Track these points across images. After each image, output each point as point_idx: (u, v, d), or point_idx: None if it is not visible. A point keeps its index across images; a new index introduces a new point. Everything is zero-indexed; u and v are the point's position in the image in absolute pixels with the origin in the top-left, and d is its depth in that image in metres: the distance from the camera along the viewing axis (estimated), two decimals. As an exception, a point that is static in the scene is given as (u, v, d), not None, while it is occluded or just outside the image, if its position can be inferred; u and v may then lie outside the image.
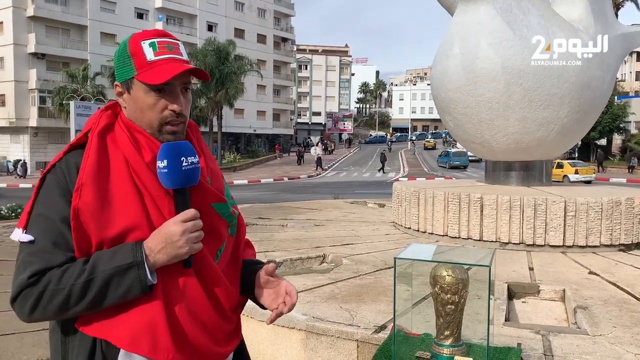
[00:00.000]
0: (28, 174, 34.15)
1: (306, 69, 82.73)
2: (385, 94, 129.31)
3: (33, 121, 37.38)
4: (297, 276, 4.46)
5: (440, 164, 43.48)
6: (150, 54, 1.27)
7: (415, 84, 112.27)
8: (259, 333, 3.44)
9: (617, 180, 28.22)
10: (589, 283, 4.23)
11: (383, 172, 37.51)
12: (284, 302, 1.38)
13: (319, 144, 58.87)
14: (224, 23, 51.58)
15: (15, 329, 4.15)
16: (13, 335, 4.07)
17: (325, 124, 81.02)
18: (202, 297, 1.29)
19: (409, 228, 6.59)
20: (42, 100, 37.90)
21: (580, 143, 38.26)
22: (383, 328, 3.08)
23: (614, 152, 45.42)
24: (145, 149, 1.28)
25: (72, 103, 30.19)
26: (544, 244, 5.52)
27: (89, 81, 36.71)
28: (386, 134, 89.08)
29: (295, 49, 70.62)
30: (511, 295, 4.07)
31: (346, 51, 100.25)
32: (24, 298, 1.17)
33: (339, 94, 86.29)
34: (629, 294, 3.92)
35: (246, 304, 1.49)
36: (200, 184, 1.29)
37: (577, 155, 41.46)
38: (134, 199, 1.24)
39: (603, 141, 43.90)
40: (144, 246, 1.20)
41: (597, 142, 42.39)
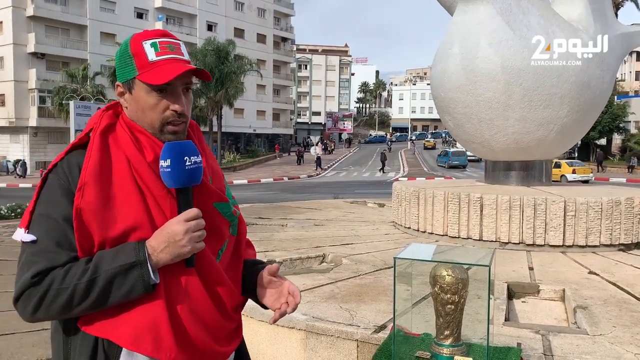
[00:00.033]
0: (28, 174, 34.16)
1: (306, 68, 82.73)
2: (385, 94, 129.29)
3: (33, 121, 37.38)
4: (297, 276, 4.45)
5: (440, 164, 43.67)
6: (151, 54, 1.27)
7: (415, 84, 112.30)
8: (259, 333, 3.44)
9: (617, 180, 28.22)
10: (589, 283, 4.23)
11: (383, 172, 37.52)
12: (286, 302, 1.38)
13: (318, 143, 58.89)
14: (224, 23, 51.57)
15: (14, 329, 4.15)
16: (12, 335, 4.07)
17: (325, 123, 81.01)
18: (204, 297, 1.29)
19: (409, 228, 6.59)
20: (42, 100, 37.89)
21: (580, 143, 38.26)
22: (383, 328, 3.08)
23: (613, 152, 45.42)
24: (147, 149, 1.28)
25: (72, 103, 30.24)
26: (543, 243, 5.52)
27: (88, 81, 36.73)
28: (386, 134, 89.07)
29: (295, 49, 70.61)
30: (511, 295, 4.07)
31: (346, 51, 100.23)
32: (27, 298, 1.17)
33: (339, 93, 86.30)
34: (629, 293, 3.92)
35: (246, 303, 1.49)
36: (203, 183, 1.30)
37: (577, 155, 41.47)
38: (136, 198, 1.24)
39: (603, 141, 43.90)
40: (146, 245, 1.21)
41: (597, 142, 42.39)
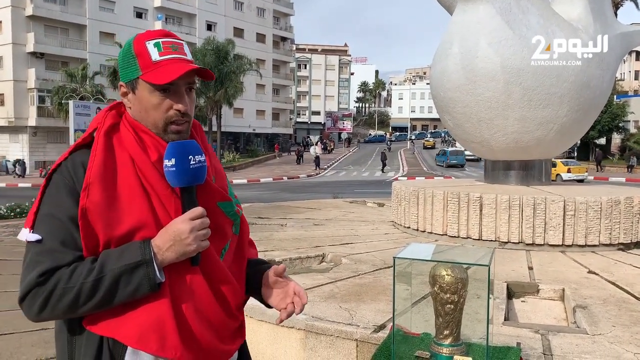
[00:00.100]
0: (27, 174, 34.14)
1: (305, 68, 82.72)
2: (384, 93, 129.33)
3: (32, 120, 37.36)
4: (297, 275, 4.45)
5: (438, 163, 44.03)
6: (155, 54, 1.28)
7: (414, 83, 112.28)
8: (258, 332, 3.44)
9: (616, 179, 28.24)
10: (588, 282, 4.23)
11: (383, 172, 37.53)
12: (292, 303, 1.41)
13: (318, 143, 58.89)
14: (223, 22, 51.56)
15: (14, 329, 4.15)
16: (12, 335, 4.07)
17: (324, 123, 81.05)
18: (209, 295, 1.30)
19: (408, 227, 6.59)
20: (41, 99, 37.87)
21: (579, 142, 38.28)
22: (382, 327, 3.08)
23: (613, 152, 45.42)
24: (150, 149, 1.28)
25: (71, 102, 30.19)
26: (543, 243, 5.52)
27: (88, 80, 36.72)
28: (385, 134, 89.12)
29: (294, 48, 70.63)
30: (510, 294, 4.07)
31: (345, 50, 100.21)
32: (32, 297, 1.17)
33: (338, 93, 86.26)
34: (628, 293, 3.93)
35: (247, 302, 1.50)
36: (206, 182, 1.31)
37: (577, 154, 41.48)
38: (140, 198, 1.25)
39: (602, 140, 43.89)
40: (152, 244, 1.21)
41: (597, 142, 42.38)
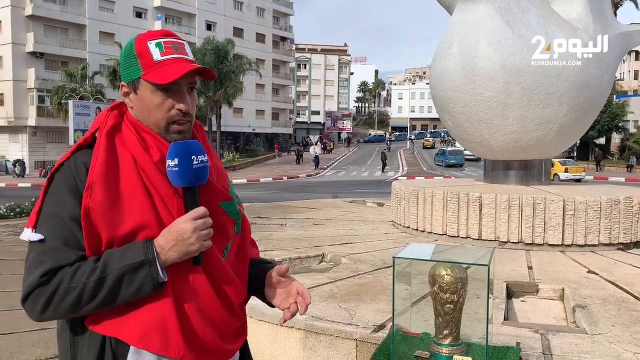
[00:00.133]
0: (27, 173, 34.13)
1: (305, 68, 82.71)
2: (384, 93, 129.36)
3: (32, 120, 37.34)
4: (296, 275, 4.45)
5: (437, 163, 44.24)
6: (156, 54, 1.28)
7: (414, 83, 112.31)
8: (258, 332, 3.43)
9: (616, 179, 28.25)
10: (588, 282, 4.23)
11: (383, 172, 37.52)
12: (295, 303, 1.40)
13: (317, 143, 58.88)
14: (223, 22, 51.54)
15: (13, 329, 4.15)
16: (11, 335, 4.07)
17: (324, 123, 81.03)
18: (211, 294, 1.31)
19: (408, 227, 6.59)
20: (41, 99, 37.84)
21: (579, 142, 38.26)
22: (382, 327, 3.08)
23: (612, 151, 45.43)
24: (153, 149, 1.29)
25: (71, 102, 30.22)
26: (542, 243, 5.52)
27: (87, 80, 36.72)
28: (385, 133, 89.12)
29: (294, 48, 70.59)
30: (510, 294, 4.07)
31: (345, 50, 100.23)
32: (35, 297, 1.17)
33: (338, 93, 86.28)
34: (628, 292, 3.93)
35: (248, 301, 1.51)
36: (209, 182, 1.31)
37: (576, 154, 41.48)
38: (143, 197, 1.25)
39: (602, 140, 43.91)
40: (154, 244, 1.22)
41: (596, 141, 42.40)
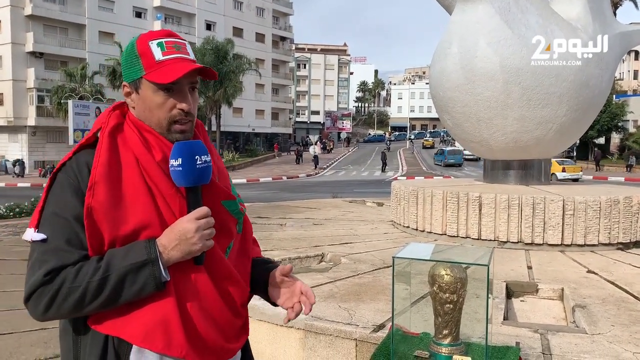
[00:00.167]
0: (26, 173, 34.10)
1: (305, 68, 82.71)
2: (383, 93, 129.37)
3: (31, 120, 37.32)
4: (296, 275, 4.44)
5: (436, 162, 44.45)
6: (158, 54, 1.29)
7: (413, 83, 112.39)
8: (258, 332, 3.43)
9: (615, 179, 28.26)
10: (588, 282, 4.23)
11: (383, 172, 37.52)
12: (299, 302, 1.43)
13: (317, 142, 58.87)
14: (223, 22, 51.53)
15: (12, 329, 4.15)
16: (10, 335, 4.06)
17: (323, 122, 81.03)
18: (214, 293, 1.31)
19: (408, 227, 6.59)
20: (40, 99, 37.82)
21: (578, 142, 38.28)
22: (381, 327, 3.08)
23: (612, 151, 45.44)
24: (155, 149, 1.29)
25: (70, 102, 30.21)
26: (542, 242, 5.52)
27: (87, 80, 36.71)
28: (385, 133, 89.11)
29: (293, 48, 70.59)
30: (510, 294, 4.07)
31: (345, 50, 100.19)
32: (38, 297, 1.18)
33: (338, 92, 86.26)
34: (628, 292, 3.93)
35: (250, 300, 1.51)
36: (211, 181, 1.32)
37: (576, 154, 41.49)
38: (145, 197, 1.26)
39: (601, 140, 43.92)
40: (157, 243, 1.22)
41: (596, 141, 42.40)
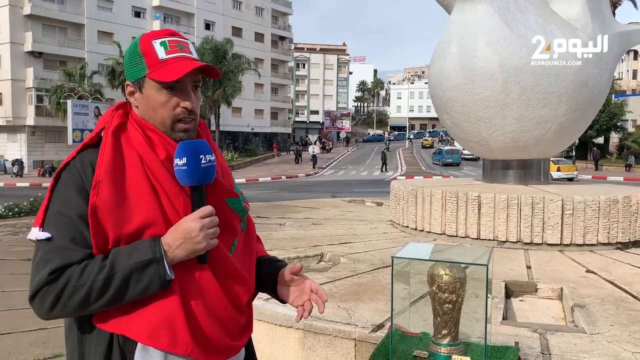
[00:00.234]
0: (25, 173, 34.06)
1: (304, 67, 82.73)
2: (383, 93, 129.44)
3: (30, 120, 37.30)
4: (295, 275, 4.45)
5: (434, 162, 44.67)
6: (161, 53, 1.30)
7: (413, 83, 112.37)
8: (257, 332, 3.43)
9: (615, 178, 28.30)
10: (587, 281, 4.23)
11: (381, 171, 37.52)
12: (309, 300, 1.45)
13: (316, 142, 58.87)
14: (222, 21, 51.50)
15: (11, 329, 4.15)
16: (9, 335, 4.06)
17: (323, 122, 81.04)
18: (218, 291, 1.32)
19: (407, 227, 6.59)
20: (39, 99, 37.79)
21: (577, 141, 38.28)
22: (381, 327, 3.07)
23: (611, 151, 45.49)
24: (159, 147, 1.30)
25: (69, 102, 30.23)
26: (541, 242, 5.53)
27: (86, 80, 36.70)
28: (384, 133, 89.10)
29: (293, 48, 70.60)
30: (509, 293, 4.07)
31: (344, 50, 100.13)
32: (43, 295, 1.18)
33: (337, 92, 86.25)
34: (627, 292, 3.93)
35: (255, 297, 1.52)
36: (215, 180, 1.32)
37: (575, 153, 41.54)
38: (149, 196, 1.26)
39: (600, 139, 43.96)
40: (162, 242, 1.22)
41: (595, 141, 42.44)
